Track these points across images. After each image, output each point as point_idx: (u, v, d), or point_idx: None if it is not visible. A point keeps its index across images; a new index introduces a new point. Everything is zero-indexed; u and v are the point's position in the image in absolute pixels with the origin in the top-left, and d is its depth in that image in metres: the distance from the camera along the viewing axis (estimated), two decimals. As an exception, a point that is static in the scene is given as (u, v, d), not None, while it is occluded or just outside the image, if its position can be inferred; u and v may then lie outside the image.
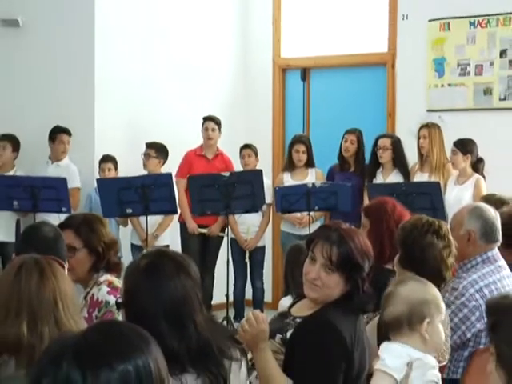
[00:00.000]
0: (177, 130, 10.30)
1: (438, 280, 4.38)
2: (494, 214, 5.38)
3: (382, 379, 3.23)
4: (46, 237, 4.54)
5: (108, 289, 4.75)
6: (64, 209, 8.57)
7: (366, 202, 8.78)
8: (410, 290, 3.46)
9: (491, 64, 10.16)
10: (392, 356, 3.25)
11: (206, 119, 10.00)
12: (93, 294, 4.72)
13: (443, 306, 3.42)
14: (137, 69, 10.28)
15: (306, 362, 3.92)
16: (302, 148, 9.83)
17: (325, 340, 3.97)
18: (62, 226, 4.97)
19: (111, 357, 1.86)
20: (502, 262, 5.32)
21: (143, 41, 10.36)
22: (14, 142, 9.85)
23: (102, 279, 4.81)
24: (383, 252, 5.05)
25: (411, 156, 9.60)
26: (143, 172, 9.65)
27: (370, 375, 4.01)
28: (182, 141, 10.10)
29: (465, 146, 8.97)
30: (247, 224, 9.61)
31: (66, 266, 4.39)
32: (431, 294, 3.40)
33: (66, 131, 9.75)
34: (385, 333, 3.56)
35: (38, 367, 1.90)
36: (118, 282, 4.84)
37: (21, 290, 3.11)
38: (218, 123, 10.02)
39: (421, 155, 9.45)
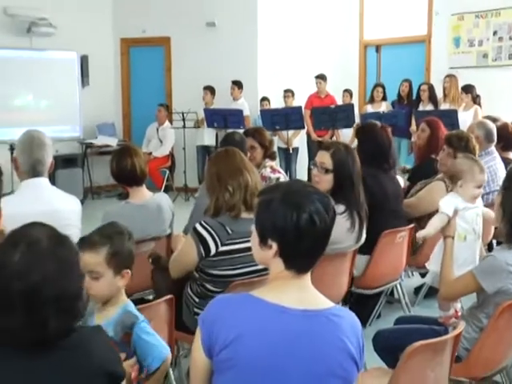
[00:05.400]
0: (302, 82, 10.09)
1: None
2: (492, 126, 5.26)
3: (438, 215, 3.12)
4: (236, 140, 4.56)
5: (270, 170, 4.79)
6: (241, 127, 8.44)
7: (413, 122, 8.66)
8: (458, 161, 3.28)
9: (487, 39, 9.73)
10: (444, 203, 3.13)
11: (316, 77, 9.80)
12: (262, 172, 4.69)
13: (478, 176, 3.11)
14: (281, 48, 10.15)
15: None
16: (380, 89, 9.65)
17: None
18: (245, 134, 4.95)
19: (306, 201, 1.73)
20: (496, 154, 5.22)
21: (285, 29, 10.19)
22: (212, 90, 9.87)
23: (267, 164, 4.82)
24: (436, 146, 4.88)
25: (439, 94, 9.24)
26: (283, 105, 9.57)
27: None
28: (305, 88, 9.95)
29: (466, 88, 8.68)
30: (345, 135, 9.42)
31: (248, 156, 4.44)
32: (466, 166, 3.14)
33: (239, 84, 9.74)
34: None
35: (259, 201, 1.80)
36: (275, 165, 4.92)
37: (235, 158, 3.09)
38: (324, 78, 9.80)
39: (444, 94, 9.17)
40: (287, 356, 1.67)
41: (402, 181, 5.06)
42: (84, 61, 10.22)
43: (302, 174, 9.58)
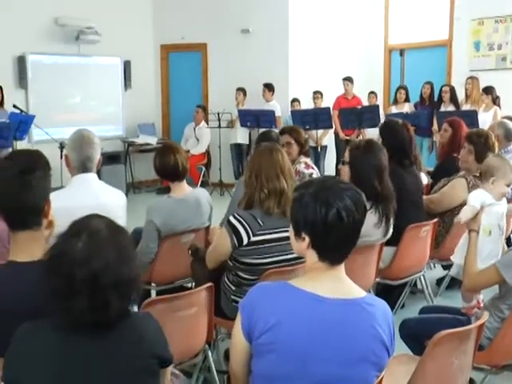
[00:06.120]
0: (330, 84, 10.00)
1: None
2: (511, 125, 5.16)
3: (467, 207, 3.07)
4: (273, 137, 4.53)
5: (304, 165, 4.71)
6: (273, 126, 8.45)
7: (435, 122, 8.53)
8: (491, 159, 3.23)
9: (506, 43, 9.60)
10: (472, 197, 3.08)
11: (344, 79, 9.73)
12: (296, 167, 4.63)
13: (509, 174, 3.07)
14: (310, 53, 10.10)
15: None
16: (403, 91, 9.52)
17: None
18: (281, 132, 4.90)
19: (335, 198, 1.71)
20: (515, 151, 5.12)
21: (314, 35, 10.14)
22: (243, 92, 9.85)
23: (301, 160, 4.75)
24: (458, 145, 4.76)
25: (459, 95, 9.10)
26: (312, 106, 9.51)
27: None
28: (333, 90, 9.87)
29: (487, 89, 8.55)
30: (371, 134, 9.28)
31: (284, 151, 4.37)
32: (499, 164, 3.09)
33: (271, 86, 9.68)
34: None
35: (294, 196, 1.80)
36: (309, 162, 4.84)
37: (277, 162, 2.98)
38: (351, 80, 9.72)
39: (466, 94, 9.03)
40: (323, 343, 1.67)
41: (425, 179, 5.00)
42: (127, 66, 10.32)
43: (329, 170, 9.53)
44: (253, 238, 2.88)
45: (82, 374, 1.54)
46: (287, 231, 1.94)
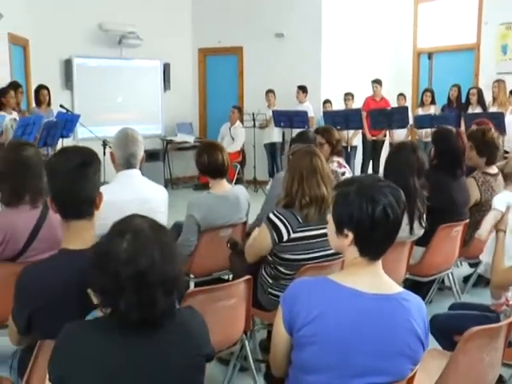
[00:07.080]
0: (361, 86, 9.88)
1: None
2: None
3: (492, 211, 3.02)
4: (310, 137, 4.49)
5: (336, 164, 4.66)
6: (306, 126, 8.37)
7: (463, 123, 8.37)
8: None
9: (534, 47, 9.34)
10: (497, 200, 3.02)
11: (373, 81, 9.60)
12: (329, 166, 4.45)
13: None
14: (342, 56, 10.02)
15: None
16: (429, 94, 9.32)
17: None
18: (316, 132, 4.81)
19: (380, 195, 1.68)
20: (542, 152, 5.00)
21: (345, 39, 10.06)
22: (273, 93, 9.82)
23: (334, 159, 4.68)
24: None
25: (487, 98, 8.87)
26: (343, 107, 9.42)
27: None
28: (363, 91, 9.75)
29: (514, 92, 8.35)
30: (399, 135, 9.15)
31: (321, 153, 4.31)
32: None
33: (305, 88, 9.63)
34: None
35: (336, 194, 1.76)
36: (342, 161, 4.77)
37: (317, 168, 2.92)
38: (380, 82, 9.59)
39: (493, 97, 8.83)
40: (363, 336, 1.65)
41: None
42: (166, 68, 10.39)
43: (359, 170, 9.45)
44: (293, 235, 2.86)
45: (131, 375, 1.49)
46: (325, 228, 1.92)
